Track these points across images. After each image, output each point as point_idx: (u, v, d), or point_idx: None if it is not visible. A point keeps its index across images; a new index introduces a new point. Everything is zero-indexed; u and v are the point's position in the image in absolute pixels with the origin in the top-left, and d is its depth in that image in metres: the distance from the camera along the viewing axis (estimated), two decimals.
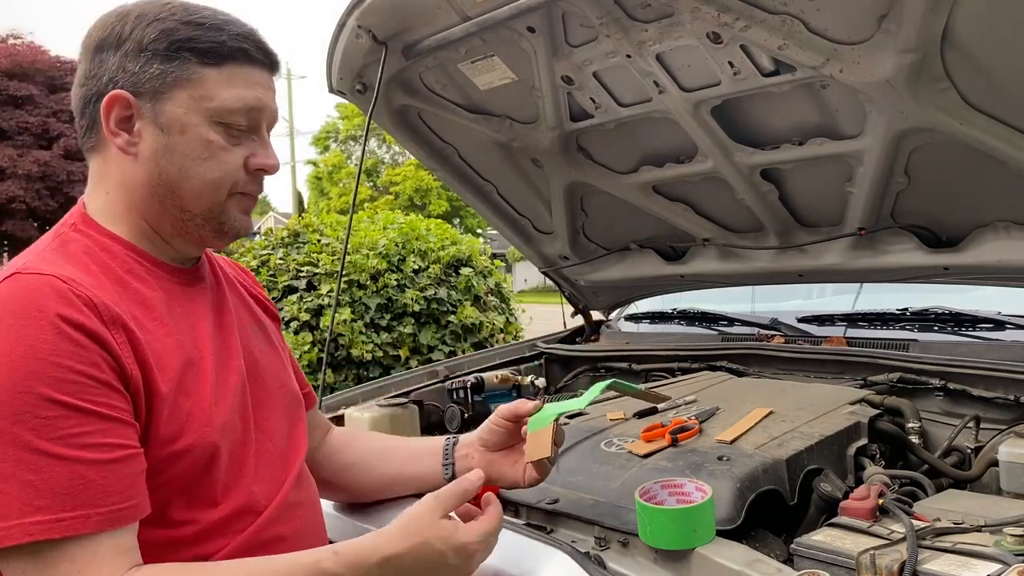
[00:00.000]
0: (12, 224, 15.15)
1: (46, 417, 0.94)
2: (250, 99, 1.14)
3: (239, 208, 1.18)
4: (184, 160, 1.12)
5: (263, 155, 1.17)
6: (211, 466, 1.09)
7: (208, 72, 1.11)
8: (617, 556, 1.27)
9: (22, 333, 0.95)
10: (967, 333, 2.15)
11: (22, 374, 0.94)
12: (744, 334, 2.54)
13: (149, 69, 1.10)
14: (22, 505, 0.92)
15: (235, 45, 1.12)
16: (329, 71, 2.26)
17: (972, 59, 1.59)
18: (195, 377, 1.11)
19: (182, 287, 1.18)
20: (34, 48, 16.36)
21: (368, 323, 5.45)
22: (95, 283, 1.04)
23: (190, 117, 1.11)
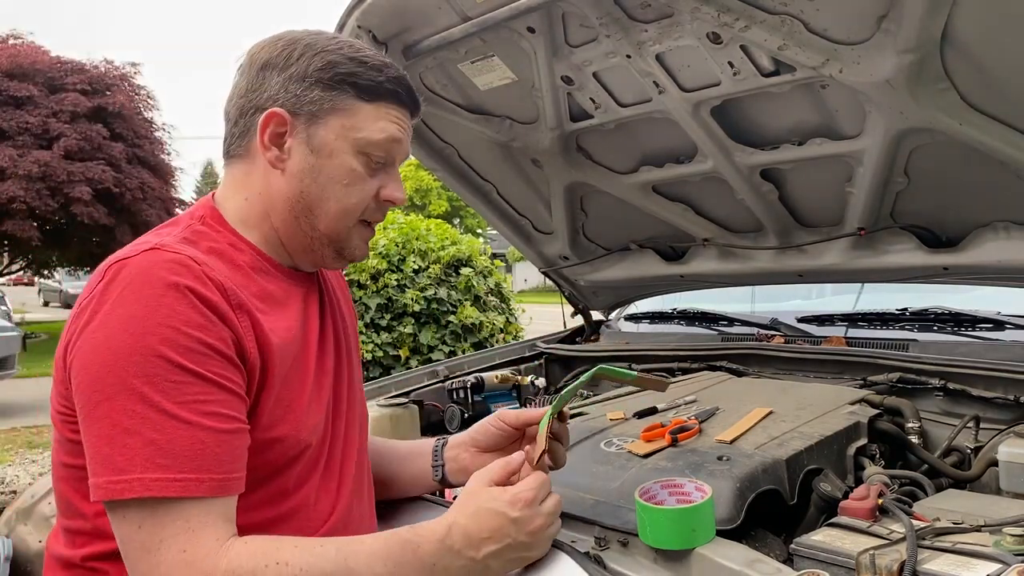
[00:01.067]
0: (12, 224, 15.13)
1: (174, 381, 1.01)
2: (393, 132, 1.23)
3: (361, 237, 1.28)
4: (328, 182, 1.21)
5: (393, 188, 1.26)
6: (295, 461, 1.16)
7: (363, 106, 1.21)
8: (617, 556, 1.27)
9: (161, 301, 1.03)
10: (967, 333, 2.15)
11: (156, 339, 1.01)
12: (744, 334, 2.54)
13: (310, 94, 1.19)
14: (144, 461, 0.99)
15: (391, 87, 1.23)
16: None
17: (972, 59, 1.59)
18: (300, 374, 1.19)
19: (297, 289, 1.27)
20: (34, 48, 16.35)
21: (368, 323, 5.46)
22: (223, 269, 1.13)
23: (339, 144, 1.20)
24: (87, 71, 16.36)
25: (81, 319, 1.06)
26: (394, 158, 1.26)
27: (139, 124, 16.83)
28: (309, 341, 1.24)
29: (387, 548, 1.07)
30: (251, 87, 1.22)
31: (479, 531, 1.10)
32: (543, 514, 1.15)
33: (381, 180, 1.25)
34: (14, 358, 8.74)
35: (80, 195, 15.04)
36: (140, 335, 1.01)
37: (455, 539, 1.09)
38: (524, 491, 1.14)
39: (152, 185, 16.35)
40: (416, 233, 6.01)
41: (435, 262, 5.89)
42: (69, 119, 15.43)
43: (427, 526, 1.11)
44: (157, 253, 1.08)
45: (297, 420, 1.16)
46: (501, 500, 1.13)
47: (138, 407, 0.99)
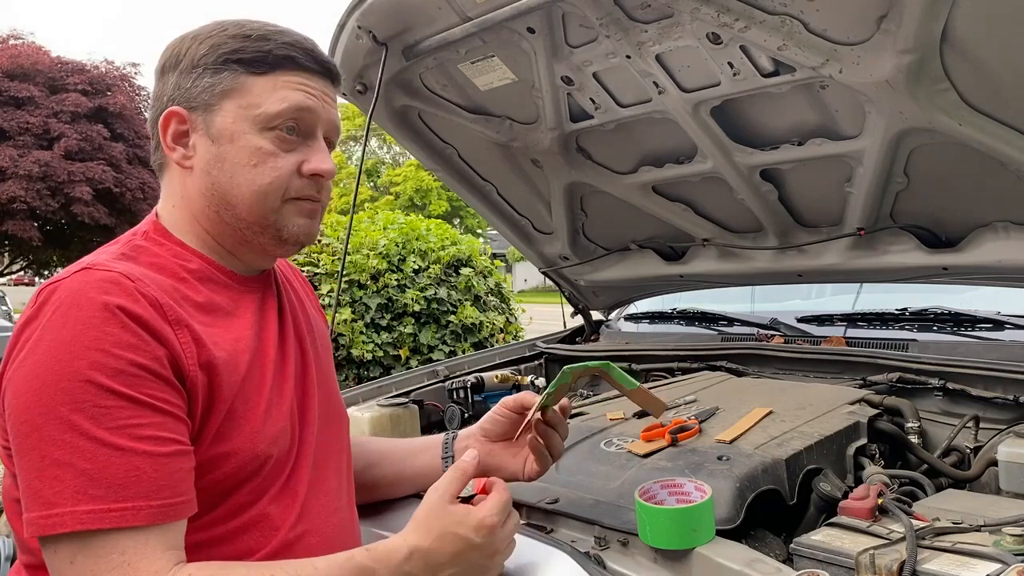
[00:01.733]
0: (12, 224, 15.16)
1: (104, 406, 0.96)
2: (296, 99, 1.15)
3: (297, 213, 1.19)
4: (234, 168, 1.15)
5: (317, 160, 1.18)
6: (255, 474, 1.11)
7: (255, 80, 1.14)
8: (617, 556, 1.27)
9: (89, 323, 0.98)
10: (966, 333, 2.15)
11: (85, 363, 0.96)
12: (744, 334, 2.54)
13: (200, 83, 1.14)
14: (75, 493, 0.94)
15: (281, 53, 1.15)
16: None
17: (972, 59, 1.59)
18: (255, 384, 1.13)
19: (250, 295, 1.21)
20: (35, 48, 16.37)
21: (368, 323, 5.46)
22: (162, 285, 1.07)
23: (238, 125, 1.14)
24: (88, 71, 16.39)
25: (15, 348, 1.02)
26: (311, 127, 1.18)
27: (140, 124, 16.85)
28: (266, 348, 1.18)
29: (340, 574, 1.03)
30: (155, 95, 1.19)
31: (440, 556, 1.06)
32: (504, 538, 1.12)
33: (301, 154, 1.17)
34: None
35: (81, 195, 15.06)
36: (68, 360, 0.96)
37: (415, 565, 1.05)
38: (489, 516, 1.09)
39: (152, 185, 16.35)
40: (416, 233, 6.01)
41: (435, 262, 5.89)
42: (70, 119, 15.45)
43: (385, 549, 1.06)
44: (88, 273, 1.03)
45: (252, 432, 1.10)
46: (467, 525, 1.08)
47: (67, 436, 0.94)
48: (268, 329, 1.21)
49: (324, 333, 1.41)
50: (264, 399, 1.14)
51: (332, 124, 1.21)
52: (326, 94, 1.20)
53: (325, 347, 1.38)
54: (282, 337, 1.23)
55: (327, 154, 1.20)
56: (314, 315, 1.40)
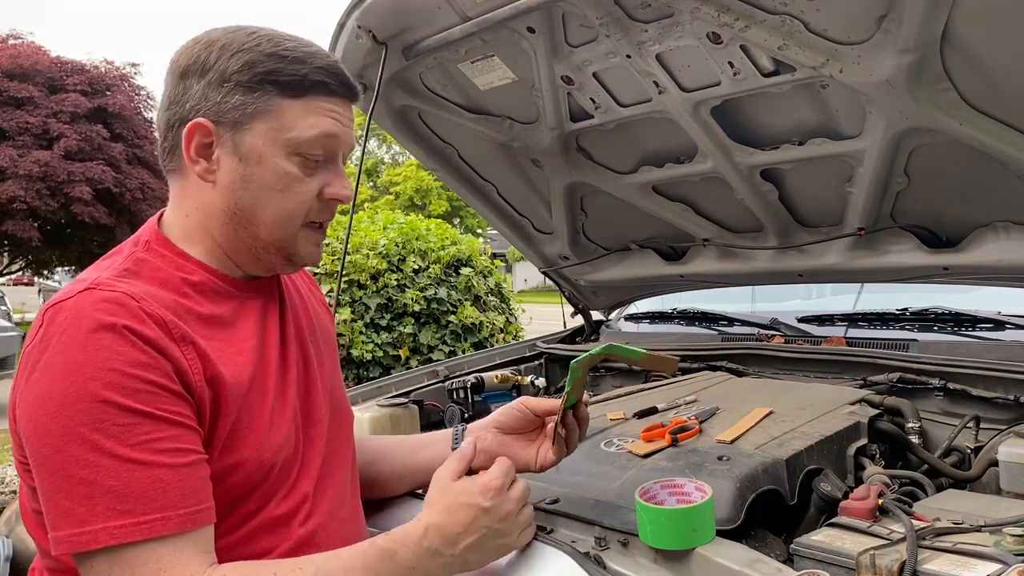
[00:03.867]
0: (12, 224, 15.16)
1: (123, 424, 0.99)
2: (326, 127, 1.15)
3: (309, 240, 1.21)
4: (261, 190, 1.15)
5: (338, 185, 1.19)
6: (264, 481, 1.14)
7: (288, 103, 1.13)
8: (617, 556, 1.27)
9: (100, 344, 1.00)
10: (967, 333, 2.15)
11: (99, 384, 0.99)
12: (744, 334, 2.54)
13: (231, 99, 1.13)
14: (105, 509, 0.97)
15: (316, 78, 1.15)
16: None
17: (972, 59, 1.59)
18: (259, 394, 1.15)
19: (252, 302, 1.22)
20: (34, 48, 16.37)
21: (368, 323, 5.46)
22: (165, 302, 1.09)
23: (268, 148, 1.14)
24: (87, 71, 16.40)
25: (25, 369, 1.04)
26: (334, 153, 1.19)
27: (139, 124, 16.86)
28: (268, 356, 1.20)
29: (364, 560, 1.07)
30: (173, 98, 1.16)
31: (454, 526, 1.11)
32: (512, 499, 1.16)
33: (323, 178, 1.18)
34: (14, 358, 8.74)
35: (80, 195, 15.07)
36: (82, 382, 0.98)
37: (432, 540, 1.10)
38: (491, 479, 1.15)
39: (152, 185, 16.37)
40: (416, 233, 6.01)
41: (435, 262, 5.89)
42: (69, 119, 15.45)
43: (403, 531, 1.11)
44: (92, 293, 1.04)
45: (258, 442, 1.13)
46: (471, 492, 1.13)
47: (90, 456, 0.97)
48: (270, 335, 1.22)
49: (328, 329, 1.42)
50: (268, 408, 1.15)
51: (351, 146, 1.22)
52: (349, 117, 1.21)
53: (329, 344, 1.39)
54: (284, 341, 1.24)
55: (346, 179, 1.22)
56: (318, 311, 1.40)
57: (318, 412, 1.26)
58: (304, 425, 1.23)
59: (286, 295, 1.31)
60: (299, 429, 1.21)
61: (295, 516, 1.16)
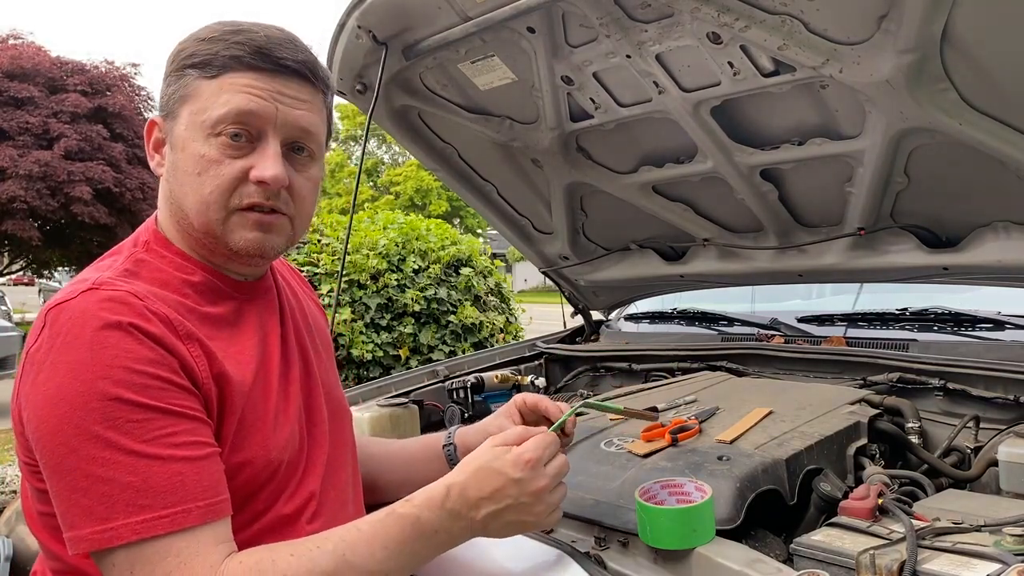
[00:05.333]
0: (12, 224, 15.15)
1: (137, 420, 0.99)
2: (239, 103, 1.10)
3: (243, 226, 1.14)
4: (183, 176, 1.13)
5: (262, 167, 1.11)
6: (271, 479, 1.14)
7: (205, 85, 1.11)
8: (617, 556, 1.27)
9: (106, 342, 1.00)
10: (967, 333, 2.15)
11: (110, 382, 0.98)
12: (744, 334, 2.54)
13: (168, 90, 1.14)
14: (126, 505, 0.97)
15: (228, 53, 1.10)
16: (329, 71, 2.26)
17: (972, 59, 1.59)
18: (263, 392, 1.15)
19: (251, 303, 1.22)
20: (34, 48, 16.36)
21: (368, 323, 5.46)
22: (169, 302, 1.09)
23: (189, 132, 1.12)
24: (87, 71, 16.38)
25: (30, 370, 1.03)
26: (260, 130, 1.11)
27: (139, 124, 16.83)
28: (270, 356, 1.19)
29: (385, 529, 1.06)
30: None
31: (478, 490, 1.08)
32: (547, 475, 1.12)
33: (250, 160, 1.11)
34: (14, 358, 8.75)
35: (80, 195, 15.06)
36: (92, 381, 0.98)
37: (454, 501, 1.08)
38: (528, 451, 1.11)
39: (152, 185, 16.33)
40: (416, 233, 6.01)
41: (435, 262, 5.89)
42: (69, 119, 15.44)
43: (425, 494, 1.09)
44: (95, 293, 1.04)
45: (264, 440, 1.13)
46: (504, 459, 1.10)
47: (106, 453, 0.97)
48: (271, 335, 1.22)
49: (324, 330, 1.42)
50: (272, 407, 1.15)
51: (293, 126, 1.13)
52: (283, 93, 1.12)
53: (325, 345, 1.39)
54: (284, 342, 1.24)
55: (274, 160, 1.12)
56: (314, 312, 1.40)
57: (320, 411, 1.27)
58: (308, 424, 1.23)
59: (283, 296, 1.31)
60: (303, 428, 1.22)
61: (302, 514, 1.17)
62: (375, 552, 1.04)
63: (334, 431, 1.29)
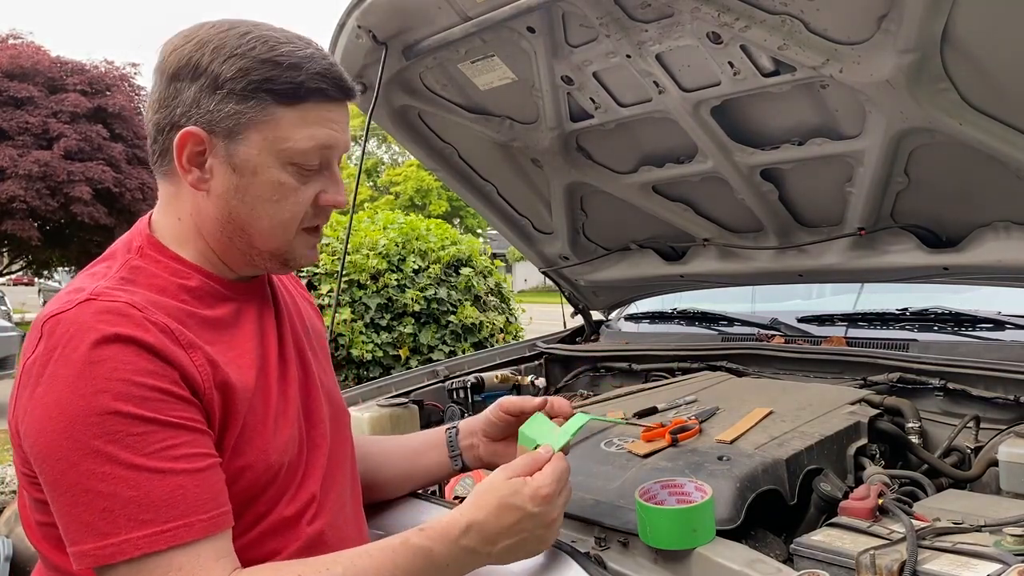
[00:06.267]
0: (12, 224, 15.16)
1: (137, 433, 0.97)
2: (323, 137, 1.12)
3: (305, 245, 1.19)
4: (256, 201, 1.13)
5: (334, 192, 1.17)
6: (272, 482, 1.13)
7: (283, 112, 1.10)
8: (617, 556, 1.27)
9: (104, 355, 0.98)
10: (967, 333, 2.15)
11: (109, 396, 0.97)
12: (744, 334, 2.54)
13: (224, 108, 1.08)
14: (127, 520, 0.96)
15: (313, 86, 1.10)
16: None
17: (972, 59, 1.59)
18: (263, 395, 1.14)
19: (247, 303, 1.21)
20: (34, 48, 16.36)
21: (368, 323, 5.45)
22: (167, 309, 1.07)
23: (263, 158, 1.10)
24: (87, 71, 16.39)
25: (27, 383, 1.01)
26: (330, 160, 1.16)
27: (139, 124, 16.82)
28: (268, 357, 1.19)
29: (395, 558, 1.05)
30: (164, 100, 1.11)
31: (498, 527, 1.09)
32: (560, 506, 1.14)
33: (319, 184, 1.16)
34: (14, 358, 8.74)
35: (80, 195, 15.07)
36: (91, 395, 0.97)
37: (472, 539, 1.08)
38: (544, 486, 1.11)
39: (152, 185, 16.22)
40: (416, 233, 6.01)
41: (435, 262, 5.88)
42: (69, 119, 15.44)
43: (440, 527, 1.08)
44: (91, 304, 1.02)
45: (264, 444, 1.12)
46: (522, 495, 1.10)
47: (107, 468, 0.96)
48: (269, 336, 1.21)
49: (320, 331, 1.42)
50: (272, 410, 1.15)
51: (347, 148, 1.19)
52: (345, 121, 1.17)
53: (322, 346, 1.39)
54: (282, 342, 1.24)
55: (342, 185, 1.19)
56: (308, 312, 1.40)
57: (319, 412, 1.26)
58: (307, 426, 1.23)
59: (279, 295, 1.30)
60: (302, 430, 1.21)
61: (303, 516, 1.16)
62: None
63: (333, 432, 1.28)
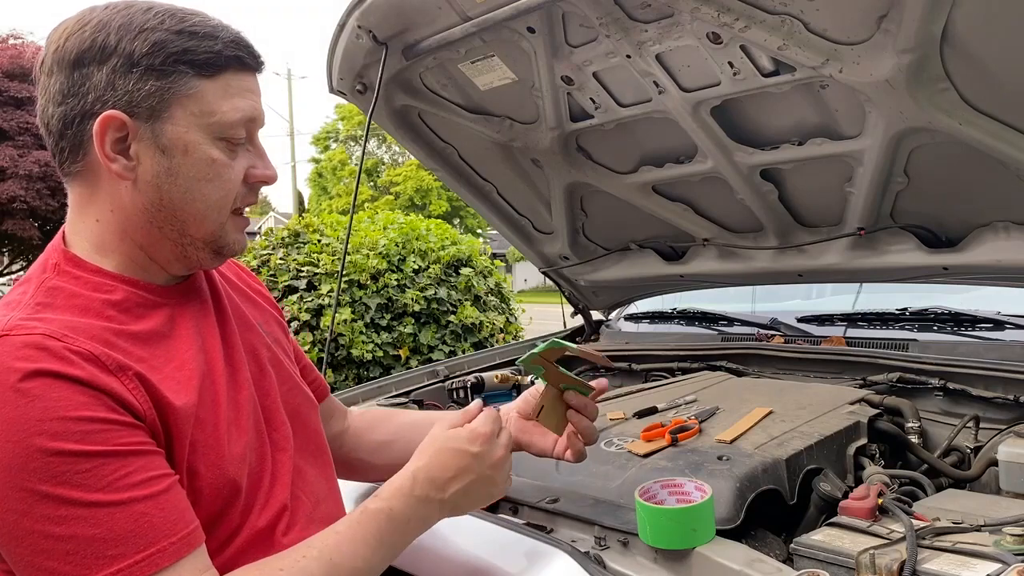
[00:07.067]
0: (12, 224, 15.17)
1: (85, 470, 0.92)
2: (247, 108, 1.09)
3: (236, 228, 1.14)
4: (189, 182, 1.06)
5: (262, 166, 1.13)
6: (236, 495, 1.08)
7: (205, 85, 1.05)
8: (617, 556, 1.27)
9: (28, 396, 0.91)
10: (967, 333, 2.15)
11: (45, 437, 0.91)
12: (744, 334, 2.54)
13: (144, 86, 1.02)
14: (96, 559, 0.91)
15: (230, 53, 1.07)
16: (329, 72, 2.26)
17: (972, 59, 1.59)
18: (209, 408, 1.07)
19: (182, 308, 1.13)
20: (34, 48, 16.37)
21: (368, 323, 5.45)
22: (91, 331, 0.99)
23: (192, 136, 1.05)
24: None
25: None
26: (253, 133, 1.11)
27: None
28: (213, 362, 1.11)
29: (362, 528, 1.07)
30: (69, 90, 1.03)
31: (443, 471, 1.12)
32: (502, 446, 1.18)
33: (247, 160, 1.11)
34: None
35: None
36: (25, 439, 0.90)
37: (421, 487, 1.11)
38: (479, 426, 1.17)
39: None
40: (416, 233, 6.01)
41: (435, 262, 5.88)
42: None
43: (391, 485, 1.11)
44: (7, 341, 0.94)
45: (218, 457, 1.05)
46: (460, 438, 1.15)
47: (61, 511, 0.90)
48: (210, 339, 1.14)
49: (276, 316, 1.35)
50: (223, 420, 1.08)
51: (263, 122, 1.14)
52: (259, 91, 1.13)
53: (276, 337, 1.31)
54: (227, 343, 1.16)
55: (268, 158, 1.14)
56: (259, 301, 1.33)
57: (279, 414, 1.20)
58: (268, 428, 1.17)
59: (217, 292, 1.22)
60: (263, 434, 1.15)
61: (276, 527, 1.12)
62: (358, 550, 1.05)
63: (298, 428, 1.23)
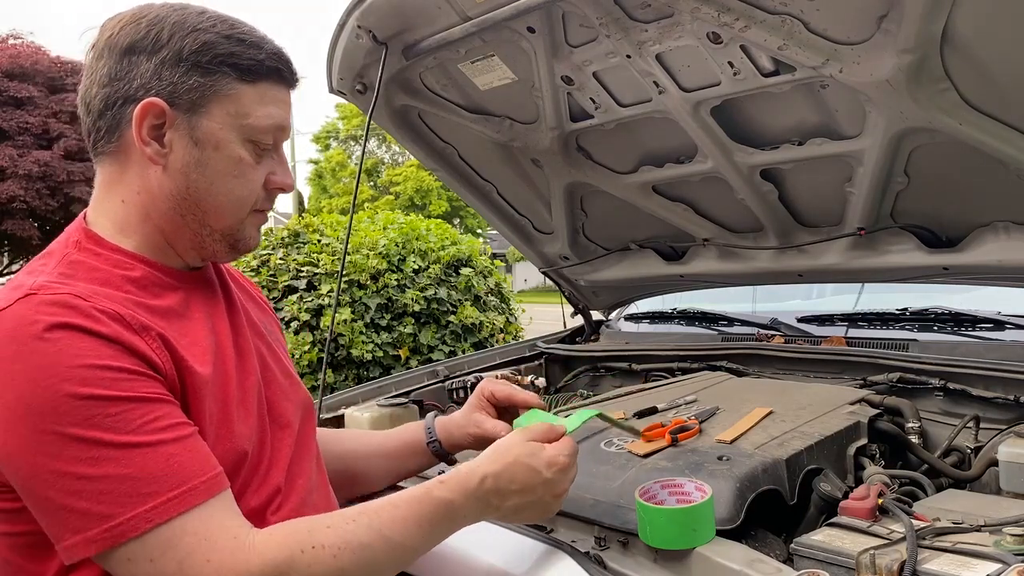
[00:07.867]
0: (12, 224, 15.19)
1: (114, 414, 0.96)
2: (278, 117, 1.16)
3: (254, 226, 1.22)
4: (215, 176, 1.13)
5: (282, 174, 1.21)
6: (237, 472, 1.11)
7: (244, 89, 1.13)
8: (617, 556, 1.27)
9: (56, 346, 0.96)
10: (967, 333, 2.15)
11: (75, 382, 0.95)
12: (744, 334, 2.54)
13: (188, 81, 1.10)
14: (128, 497, 0.95)
15: (272, 65, 1.15)
16: (329, 71, 2.26)
17: (972, 59, 1.59)
18: (221, 385, 1.13)
19: (197, 292, 1.20)
20: (34, 48, 16.38)
21: (368, 323, 5.45)
22: (114, 298, 1.05)
23: (225, 133, 1.12)
24: None
25: None
26: (279, 142, 1.20)
27: None
28: (223, 345, 1.17)
29: (420, 511, 1.09)
30: (116, 74, 1.10)
31: (510, 483, 1.14)
32: (569, 480, 1.20)
33: (269, 166, 1.19)
34: None
35: (80, 195, 15.09)
36: (55, 385, 0.94)
37: (487, 489, 1.13)
38: (561, 455, 1.18)
39: None
40: (416, 233, 6.00)
41: (435, 262, 5.88)
42: (69, 119, 15.47)
43: (459, 479, 1.13)
44: (32, 299, 0.99)
45: (229, 432, 1.11)
46: (540, 458, 1.16)
47: (93, 452, 0.94)
48: (220, 325, 1.20)
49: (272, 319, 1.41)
50: (232, 398, 1.14)
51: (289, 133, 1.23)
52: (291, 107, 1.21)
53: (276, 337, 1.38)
54: (236, 332, 1.23)
55: (289, 169, 1.23)
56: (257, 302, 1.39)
57: (281, 404, 1.25)
58: (270, 416, 1.22)
59: (228, 284, 1.29)
60: (264, 420, 1.20)
61: (267, 507, 1.16)
62: (410, 529, 1.08)
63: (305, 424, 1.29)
